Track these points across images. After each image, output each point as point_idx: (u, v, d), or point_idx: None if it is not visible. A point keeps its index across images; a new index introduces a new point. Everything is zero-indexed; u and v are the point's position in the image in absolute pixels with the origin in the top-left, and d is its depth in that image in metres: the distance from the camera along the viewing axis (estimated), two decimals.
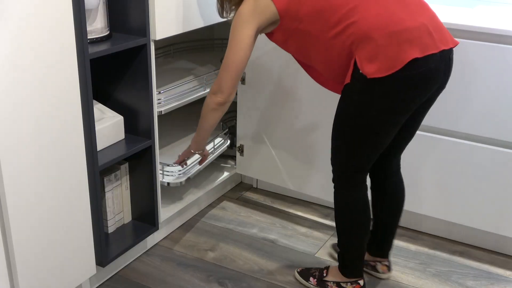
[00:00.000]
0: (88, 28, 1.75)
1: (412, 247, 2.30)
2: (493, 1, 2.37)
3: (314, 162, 2.36)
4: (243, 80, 2.40)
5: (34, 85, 1.53)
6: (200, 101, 2.42)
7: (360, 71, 1.61)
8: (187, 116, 2.74)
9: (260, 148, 2.47)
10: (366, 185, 1.86)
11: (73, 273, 1.82)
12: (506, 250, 2.27)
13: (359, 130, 1.71)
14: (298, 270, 2.11)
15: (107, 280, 2.08)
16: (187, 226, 2.42)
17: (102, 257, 1.93)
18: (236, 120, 2.53)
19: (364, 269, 2.05)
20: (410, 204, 2.16)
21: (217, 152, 2.44)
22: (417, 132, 1.86)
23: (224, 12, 1.86)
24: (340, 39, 1.64)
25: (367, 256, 2.05)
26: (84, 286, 1.97)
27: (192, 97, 2.25)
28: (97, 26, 1.81)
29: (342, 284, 1.98)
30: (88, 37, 1.72)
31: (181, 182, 2.24)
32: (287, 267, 2.17)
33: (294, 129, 2.36)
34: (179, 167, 2.25)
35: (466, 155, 2.11)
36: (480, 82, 2.02)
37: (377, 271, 2.08)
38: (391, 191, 1.97)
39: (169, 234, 2.37)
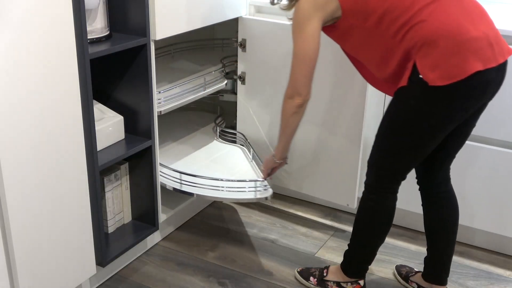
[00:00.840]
0: (88, 28, 1.75)
1: (412, 247, 2.30)
2: (493, 1, 2.36)
3: (315, 162, 2.36)
4: (243, 80, 2.40)
5: (34, 85, 1.53)
6: (200, 101, 2.43)
7: (420, 76, 1.59)
8: (187, 116, 2.75)
9: (260, 148, 2.47)
10: (396, 196, 1.84)
11: (73, 273, 1.82)
12: (506, 250, 2.27)
13: (410, 136, 1.69)
14: (298, 269, 2.11)
15: (107, 280, 2.08)
16: (187, 226, 2.42)
17: (102, 257, 1.93)
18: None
19: None
20: (410, 204, 2.16)
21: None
22: None
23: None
24: (402, 40, 1.61)
25: (422, 282, 2.00)
26: (84, 286, 1.97)
27: (192, 97, 2.25)
28: (97, 26, 1.81)
29: (342, 284, 1.98)
30: (88, 37, 1.72)
31: (266, 198, 2.11)
32: (287, 267, 2.17)
33: None
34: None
35: (470, 155, 2.11)
36: None
37: None
38: (442, 204, 1.90)
39: (169, 234, 2.37)
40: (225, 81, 2.42)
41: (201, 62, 2.56)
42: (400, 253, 2.26)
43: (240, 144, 2.51)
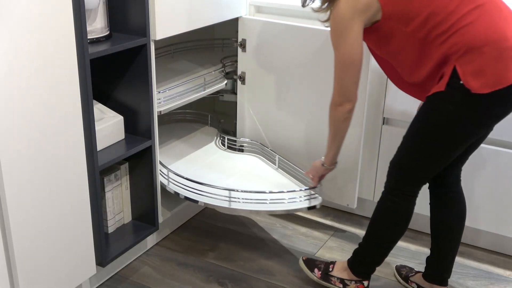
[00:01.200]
0: (88, 28, 1.75)
1: (412, 247, 2.30)
2: None
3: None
4: (243, 80, 2.40)
5: (34, 85, 1.53)
6: (199, 101, 2.43)
7: (461, 82, 1.57)
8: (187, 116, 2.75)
9: (260, 148, 2.47)
10: (415, 200, 1.83)
11: (73, 273, 1.82)
12: (506, 250, 2.27)
13: (443, 140, 1.68)
14: (304, 258, 2.10)
15: (107, 280, 2.08)
16: (187, 226, 2.42)
17: (102, 257, 1.92)
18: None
19: None
20: None
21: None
22: None
23: (307, 1, 1.79)
24: (442, 45, 1.60)
25: (423, 283, 1.99)
26: (84, 286, 1.97)
27: (191, 97, 2.25)
28: (97, 26, 1.81)
29: (346, 281, 1.97)
30: (88, 37, 1.72)
31: (315, 206, 2.06)
32: (287, 267, 2.17)
33: (294, 129, 2.36)
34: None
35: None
36: None
37: None
38: (452, 205, 1.91)
39: (169, 234, 2.37)
40: (225, 81, 2.42)
41: (201, 62, 2.56)
42: (400, 253, 2.26)
43: (252, 153, 2.44)
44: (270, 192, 2.09)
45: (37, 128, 1.57)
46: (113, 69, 1.98)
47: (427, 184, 1.91)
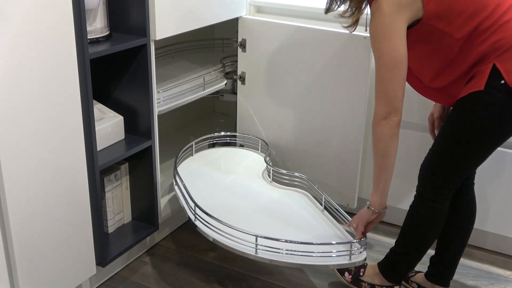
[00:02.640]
0: (88, 28, 1.75)
1: None
2: None
3: (315, 162, 2.35)
4: (243, 80, 2.40)
5: (34, 85, 1.53)
6: (199, 101, 2.43)
7: (503, 82, 1.54)
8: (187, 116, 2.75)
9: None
10: (449, 202, 1.78)
11: (73, 273, 1.82)
12: (506, 250, 2.27)
13: (481, 143, 1.63)
14: None
15: (107, 280, 2.08)
16: (187, 226, 2.42)
17: (102, 257, 1.93)
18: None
19: None
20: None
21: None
22: None
23: (333, 6, 1.70)
24: (483, 44, 1.56)
25: (424, 282, 1.99)
26: (84, 286, 1.97)
27: (191, 97, 2.25)
28: (97, 26, 1.81)
29: (377, 287, 1.95)
30: (88, 37, 1.72)
31: (355, 264, 1.77)
32: (286, 267, 2.17)
33: (295, 129, 2.36)
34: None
35: None
36: None
37: None
38: (463, 208, 1.89)
39: (169, 234, 2.37)
40: (225, 81, 2.42)
41: (201, 62, 2.56)
42: None
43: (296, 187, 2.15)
44: (317, 244, 1.79)
45: (37, 128, 1.57)
46: (113, 69, 1.98)
47: None
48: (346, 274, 2.02)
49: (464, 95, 1.62)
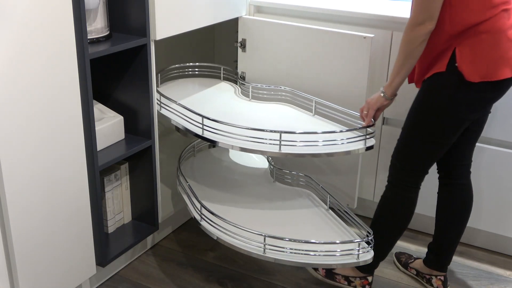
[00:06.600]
0: (88, 28, 1.75)
1: (412, 247, 2.30)
2: None
3: (314, 162, 2.35)
4: (243, 78, 2.40)
5: (34, 85, 1.53)
6: None
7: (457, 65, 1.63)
8: None
9: None
10: (419, 191, 1.85)
11: (73, 273, 1.82)
12: (506, 250, 2.27)
13: (438, 124, 1.71)
14: None
15: (107, 280, 2.08)
16: (187, 226, 2.42)
17: (102, 257, 1.93)
18: None
19: (419, 280, 2.05)
20: None
21: None
22: None
23: None
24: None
25: (422, 268, 2.02)
26: (84, 286, 1.97)
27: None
28: (97, 26, 1.81)
29: (351, 278, 1.98)
30: (88, 37, 1.72)
31: (372, 258, 1.82)
32: (287, 267, 2.17)
33: None
34: None
35: None
36: None
37: (431, 285, 2.03)
38: (460, 194, 1.93)
39: (169, 234, 2.37)
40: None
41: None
42: None
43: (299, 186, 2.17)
44: (322, 243, 1.82)
45: (37, 128, 1.57)
46: (113, 69, 1.98)
47: (424, 181, 1.91)
48: (320, 269, 2.04)
49: (428, 76, 1.69)
